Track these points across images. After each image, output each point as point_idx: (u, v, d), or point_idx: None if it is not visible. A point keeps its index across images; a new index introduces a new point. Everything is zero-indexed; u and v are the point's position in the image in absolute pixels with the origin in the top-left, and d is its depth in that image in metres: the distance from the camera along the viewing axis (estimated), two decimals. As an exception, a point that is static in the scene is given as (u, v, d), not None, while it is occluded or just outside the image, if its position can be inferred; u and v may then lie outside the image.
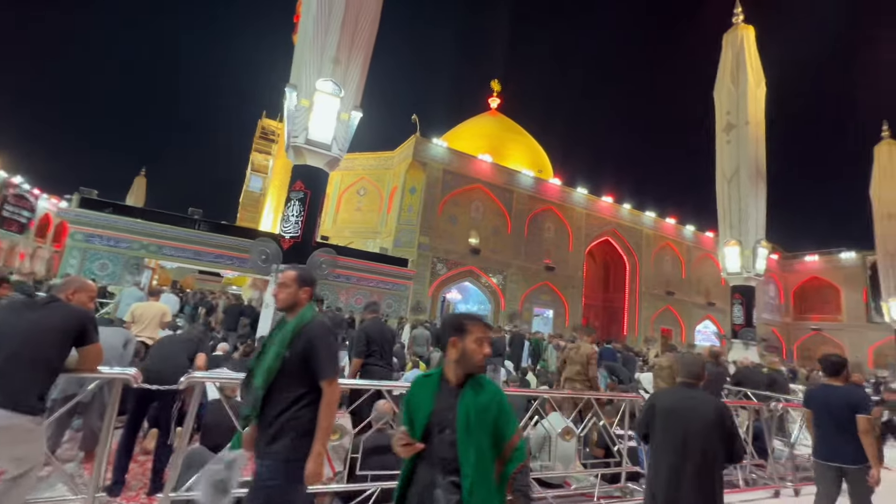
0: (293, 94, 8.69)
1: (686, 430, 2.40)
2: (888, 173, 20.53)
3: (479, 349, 1.62)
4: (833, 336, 31.05)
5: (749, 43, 16.31)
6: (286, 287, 2.02)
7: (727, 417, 2.40)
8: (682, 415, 2.46)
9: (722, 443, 2.36)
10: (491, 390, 1.63)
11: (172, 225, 15.20)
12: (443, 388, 1.63)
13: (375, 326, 4.83)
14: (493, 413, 1.57)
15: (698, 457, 2.34)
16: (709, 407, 2.43)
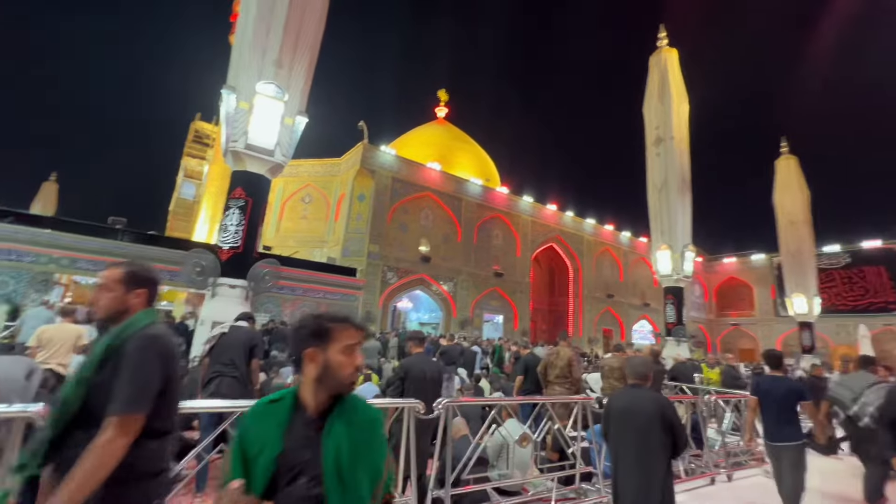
0: (231, 96, 8.17)
1: (634, 426, 2.68)
2: (787, 185, 23.30)
3: (348, 361, 1.21)
4: (748, 330, 34.53)
5: (672, 65, 17.86)
6: (107, 290, 1.55)
7: (668, 412, 2.66)
8: (630, 413, 2.73)
9: (665, 434, 2.61)
10: (369, 416, 1.24)
11: (89, 235, 13.68)
12: (296, 420, 1.19)
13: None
14: (375, 448, 1.20)
15: (644, 449, 2.62)
16: (652, 403, 2.69)
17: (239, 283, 7.92)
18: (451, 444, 3.36)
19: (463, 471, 3.40)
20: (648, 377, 2.88)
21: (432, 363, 4.12)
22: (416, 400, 3.25)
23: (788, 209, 23.03)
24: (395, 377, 3.92)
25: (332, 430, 1.16)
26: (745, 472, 5.47)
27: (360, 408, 1.25)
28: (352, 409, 1.23)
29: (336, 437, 1.15)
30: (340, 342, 1.22)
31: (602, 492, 4.02)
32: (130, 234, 14.61)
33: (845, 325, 28.72)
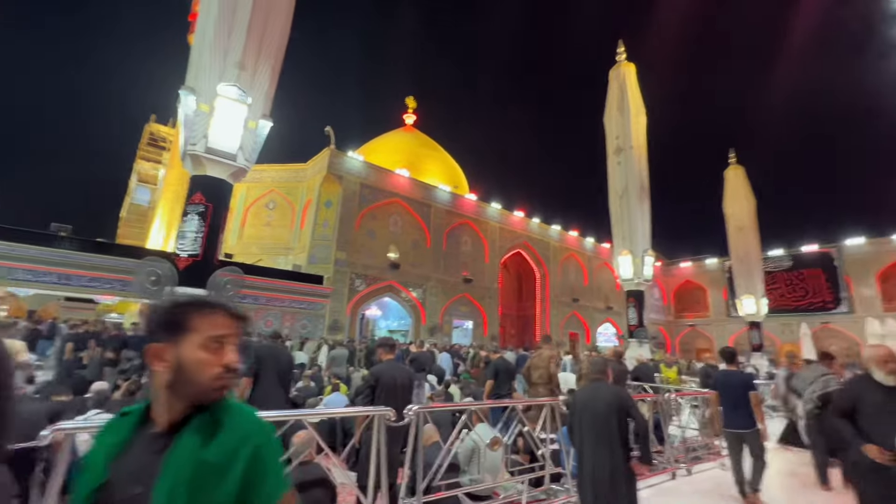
0: (190, 97, 7.84)
1: (594, 414, 3.04)
2: (735, 193, 24.92)
3: (213, 359, 0.93)
4: (704, 330, 36.39)
5: (630, 78, 18.77)
6: None
7: (624, 399, 3.07)
8: (591, 403, 3.10)
9: (622, 418, 2.98)
10: (239, 434, 0.91)
11: (26, 243, 12.69)
12: (137, 440, 0.91)
13: (266, 348, 4.54)
14: (235, 475, 0.87)
15: (605, 433, 2.98)
16: (609, 393, 3.09)
17: (198, 292, 7.55)
18: (421, 451, 3.33)
19: (434, 478, 3.37)
20: (605, 372, 3.26)
21: (403, 370, 4.08)
22: (386, 407, 3.21)
23: (737, 216, 24.59)
24: (366, 385, 3.86)
25: (175, 452, 0.85)
26: (704, 465, 5.73)
27: (230, 424, 0.92)
28: (214, 425, 0.90)
29: (177, 464, 0.83)
30: (201, 333, 0.93)
31: (571, 492, 4.10)
32: (76, 241, 13.68)
33: (789, 323, 30.83)
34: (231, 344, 0.97)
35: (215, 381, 0.93)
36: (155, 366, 0.93)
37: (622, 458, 2.94)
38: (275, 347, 4.70)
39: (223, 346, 0.96)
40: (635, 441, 3.10)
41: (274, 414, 3.06)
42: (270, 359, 4.53)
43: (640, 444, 3.16)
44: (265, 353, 4.50)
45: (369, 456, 3.11)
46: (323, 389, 7.80)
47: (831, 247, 31.17)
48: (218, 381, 0.93)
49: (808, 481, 5.07)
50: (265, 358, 4.49)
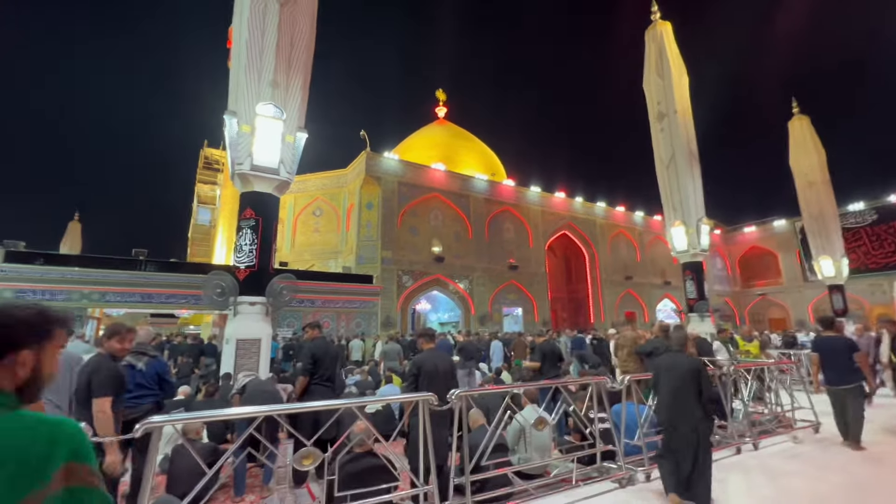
0: (233, 120, 8.46)
1: (675, 376, 3.68)
2: (802, 145, 22.61)
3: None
4: (777, 298, 33.58)
5: (668, 37, 17.55)
6: None
7: (699, 368, 3.67)
8: (672, 368, 3.75)
9: (696, 383, 3.59)
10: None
11: (115, 269, 14.29)
12: None
13: (320, 345, 4.83)
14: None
15: (682, 393, 3.61)
16: (687, 362, 3.74)
17: (258, 300, 8.20)
18: (466, 434, 3.48)
19: (482, 457, 3.51)
20: (686, 345, 3.95)
21: (444, 357, 4.24)
22: (429, 393, 3.38)
23: (805, 170, 22.37)
24: (409, 374, 4.06)
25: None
26: (772, 439, 5.43)
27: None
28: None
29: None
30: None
31: (623, 468, 4.08)
32: (153, 263, 15.18)
33: (879, 283, 27.71)
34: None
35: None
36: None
37: (698, 413, 3.53)
38: (327, 344, 5.02)
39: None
40: (708, 404, 3.67)
41: (327, 403, 3.34)
42: (325, 356, 4.84)
43: (716, 406, 3.84)
44: (320, 351, 4.81)
45: (417, 440, 3.31)
46: (380, 383, 8.20)
47: (926, 193, 27.50)
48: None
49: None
50: (321, 357, 4.79)
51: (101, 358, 3.17)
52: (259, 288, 8.27)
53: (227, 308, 8.20)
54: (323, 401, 4.01)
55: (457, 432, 3.44)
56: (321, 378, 4.64)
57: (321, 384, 4.63)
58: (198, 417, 3.06)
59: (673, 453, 3.58)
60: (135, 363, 3.59)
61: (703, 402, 3.55)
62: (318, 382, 4.64)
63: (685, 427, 3.52)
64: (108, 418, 2.90)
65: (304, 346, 9.56)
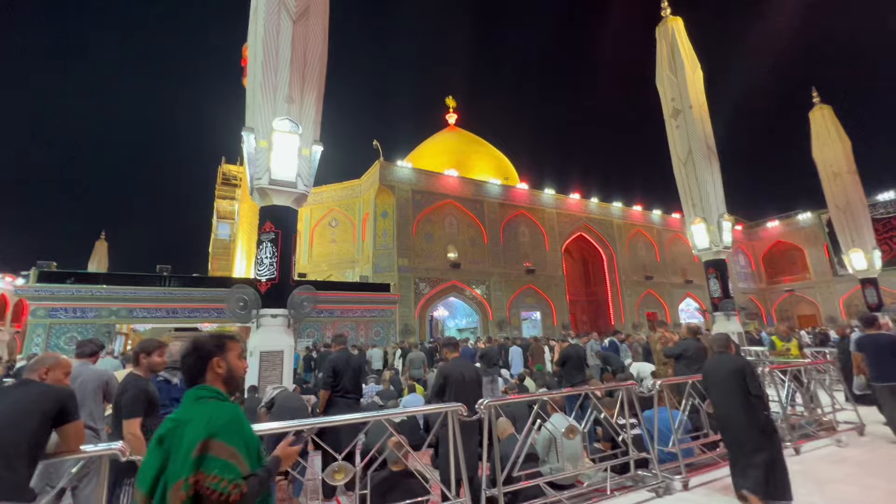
0: (250, 136, 8.64)
1: (722, 377, 3.83)
2: (824, 136, 21.92)
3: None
4: (805, 294, 32.44)
5: (679, 33, 17.29)
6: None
7: (746, 366, 3.77)
8: (719, 369, 3.90)
9: (744, 381, 3.67)
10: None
11: (140, 286, 14.69)
12: None
13: (341, 357, 4.83)
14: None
15: (732, 392, 3.72)
16: (733, 362, 3.87)
17: (280, 312, 8.29)
18: (497, 444, 3.42)
19: (513, 468, 3.44)
20: (730, 346, 4.08)
21: (470, 366, 4.19)
22: (457, 403, 3.34)
23: (830, 161, 21.66)
24: (436, 384, 4.03)
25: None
26: (814, 443, 5.20)
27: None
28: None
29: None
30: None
31: (659, 477, 3.95)
32: (176, 278, 15.54)
33: (915, 275, 26.52)
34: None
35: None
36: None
37: (749, 408, 3.62)
38: (348, 355, 5.02)
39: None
40: (756, 400, 3.67)
41: (354, 416, 3.32)
42: (346, 368, 4.84)
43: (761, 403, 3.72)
44: (341, 364, 4.81)
45: (448, 451, 3.26)
46: (402, 392, 8.17)
47: (961, 180, 26.27)
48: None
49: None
50: (342, 370, 4.79)
51: (130, 377, 3.20)
52: (280, 300, 8.36)
53: (250, 321, 8.31)
54: (350, 413, 4.00)
55: (486, 442, 3.38)
56: (343, 391, 4.64)
57: (343, 397, 4.63)
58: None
59: (735, 454, 3.67)
60: (170, 378, 3.64)
61: (750, 397, 3.62)
62: (341, 395, 4.65)
63: (738, 426, 3.64)
64: (139, 440, 2.85)
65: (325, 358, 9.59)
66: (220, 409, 1.43)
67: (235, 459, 1.32)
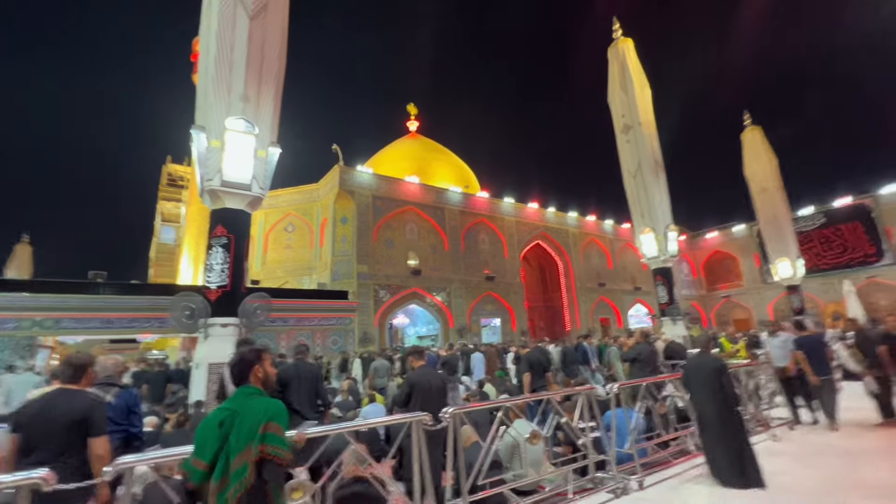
0: (201, 135, 8.16)
1: (702, 375, 4.33)
2: (755, 155, 24.04)
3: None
4: (740, 300, 35.16)
5: (630, 54, 18.38)
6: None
7: (723, 366, 4.33)
8: (699, 368, 4.44)
9: (721, 379, 4.21)
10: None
11: (70, 293, 13.38)
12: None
13: (289, 368, 4.64)
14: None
15: (709, 387, 4.24)
16: (711, 361, 4.43)
17: (231, 321, 7.83)
18: (461, 452, 3.37)
19: (477, 477, 3.41)
20: (708, 346, 4.81)
21: (436, 375, 4.14)
22: (423, 413, 3.27)
23: (759, 178, 23.72)
24: (402, 393, 3.93)
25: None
26: (753, 439, 5.56)
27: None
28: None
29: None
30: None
31: (617, 478, 4.06)
32: (112, 286, 14.34)
33: (830, 282, 29.49)
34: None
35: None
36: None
37: (726, 405, 4.12)
38: (298, 366, 4.79)
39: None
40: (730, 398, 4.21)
41: (313, 430, 3.15)
42: (294, 379, 4.60)
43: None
44: (288, 374, 4.58)
45: (412, 462, 3.17)
46: (360, 402, 7.94)
47: (866, 197, 29.66)
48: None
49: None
50: (289, 380, 4.56)
51: (84, 394, 2.86)
52: (231, 308, 7.90)
53: (198, 331, 7.78)
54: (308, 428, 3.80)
55: (452, 450, 3.32)
56: (290, 405, 4.40)
57: (296, 412, 4.38)
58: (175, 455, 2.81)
59: (712, 444, 4.15)
60: (103, 396, 3.29)
61: (726, 394, 4.14)
62: (291, 411, 4.40)
63: (716, 417, 4.11)
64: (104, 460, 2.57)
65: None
66: (272, 402, 2.01)
67: (284, 437, 1.93)
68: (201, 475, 1.80)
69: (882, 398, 6.09)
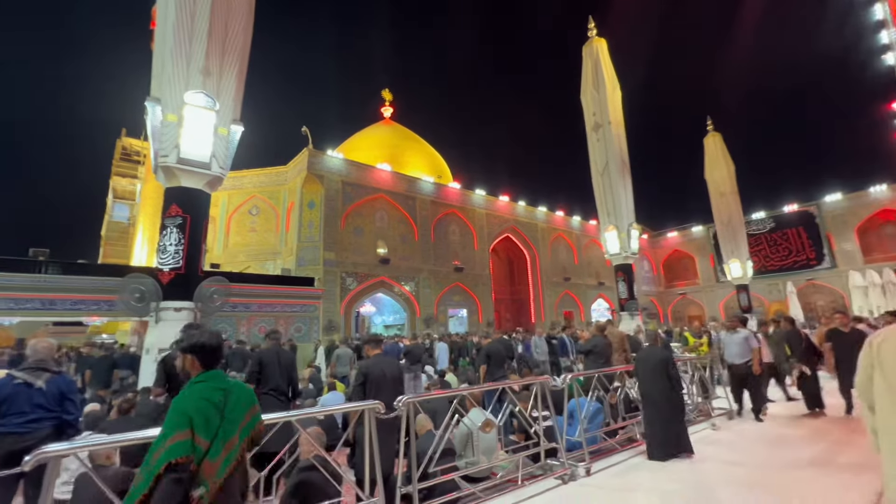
0: (156, 108, 7.69)
1: (650, 365, 4.99)
2: (715, 160, 25.23)
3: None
4: (694, 297, 37.05)
5: (603, 53, 18.73)
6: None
7: (669, 357, 5.03)
8: (648, 359, 5.08)
9: (666, 367, 4.89)
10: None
11: (7, 272, 12.43)
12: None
13: (270, 352, 4.57)
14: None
15: (658, 376, 4.89)
16: (659, 352, 5.11)
17: (185, 305, 7.51)
18: (413, 441, 3.40)
19: (429, 464, 3.44)
20: (656, 339, 5.37)
21: (391, 363, 4.13)
22: (375, 401, 3.26)
23: (718, 182, 24.91)
24: (356, 382, 3.90)
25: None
26: (693, 427, 5.91)
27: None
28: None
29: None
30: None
31: (566, 464, 4.21)
32: (56, 265, 13.42)
33: (775, 283, 31.54)
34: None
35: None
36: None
37: (670, 389, 4.83)
38: (279, 351, 4.73)
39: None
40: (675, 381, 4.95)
41: (269, 416, 3.09)
42: (272, 363, 4.55)
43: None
44: (267, 357, 4.54)
45: (363, 451, 3.17)
46: (321, 390, 7.85)
47: (811, 205, 31.79)
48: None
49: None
50: (268, 363, 4.51)
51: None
52: (186, 292, 7.58)
53: (148, 314, 7.43)
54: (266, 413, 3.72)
55: (404, 439, 3.34)
56: (271, 388, 4.34)
57: (269, 394, 4.33)
58: (108, 443, 2.67)
59: (653, 424, 4.76)
60: (32, 381, 3.09)
61: (671, 380, 4.83)
62: (267, 392, 4.33)
63: (661, 399, 4.76)
64: None
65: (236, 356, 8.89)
66: (246, 387, 2.16)
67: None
68: (201, 454, 1.81)
69: (810, 390, 6.61)
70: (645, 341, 5.38)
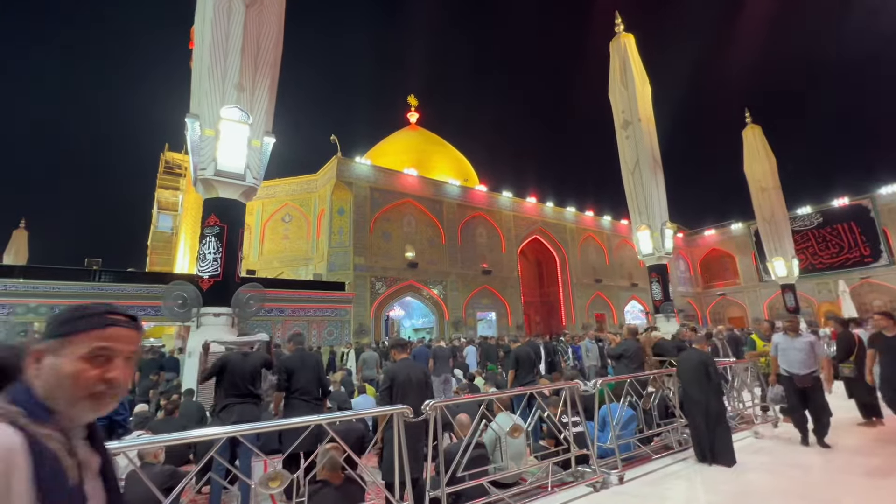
0: (195, 124, 8.13)
1: (691, 367, 4.92)
2: (755, 153, 24.02)
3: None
4: (735, 298, 35.29)
5: (631, 49, 18.26)
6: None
7: (710, 359, 4.94)
8: (691, 360, 5.00)
9: (708, 370, 4.80)
10: None
11: (65, 280, 13.40)
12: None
13: (294, 357, 4.69)
14: None
15: (698, 379, 4.82)
16: (701, 355, 4.98)
17: (223, 310, 7.87)
18: (442, 444, 3.42)
19: (457, 468, 3.46)
20: (702, 343, 5.25)
21: (417, 367, 4.17)
22: (403, 405, 3.31)
23: (758, 177, 23.71)
24: (383, 386, 3.97)
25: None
26: (737, 435, 5.63)
27: None
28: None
29: None
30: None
31: (597, 472, 4.12)
32: (108, 273, 14.34)
33: (825, 282, 29.62)
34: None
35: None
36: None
37: (714, 394, 4.74)
38: (303, 355, 4.84)
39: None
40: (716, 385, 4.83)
41: (295, 420, 3.20)
42: (299, 368, 4.65)
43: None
44: (292, 363, 4.64)
45: (392, 454, 3.22)
46: (352, 393, 8.01)
47: (864, 198, 29.68)
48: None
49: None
50: (294, 368, 4.61)
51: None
52: (224, 298, 7.94)
53: (190, 320, 7.82)
54: (293, 417, 3.85)
55: (432, 443, 3.37)
56: (300, 392, 4.48)
57: (299, 398, 4.47)
58: (153, 442, 2.86)
59: (697, 428, 4.70)
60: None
61: (712, 384, 4.72)
62: (296, 397, 4.48)
63: (703, 404, 4.67)
64: None
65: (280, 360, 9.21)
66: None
67: None
68: None
69: (861, 398, 6.16)
70: (695, 343, 5.26)
